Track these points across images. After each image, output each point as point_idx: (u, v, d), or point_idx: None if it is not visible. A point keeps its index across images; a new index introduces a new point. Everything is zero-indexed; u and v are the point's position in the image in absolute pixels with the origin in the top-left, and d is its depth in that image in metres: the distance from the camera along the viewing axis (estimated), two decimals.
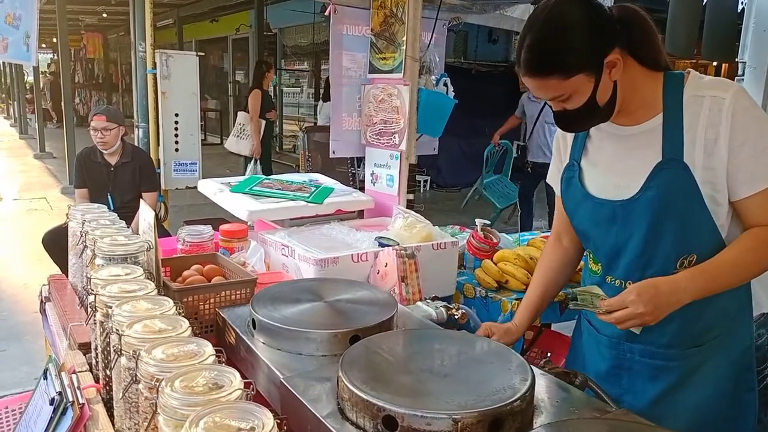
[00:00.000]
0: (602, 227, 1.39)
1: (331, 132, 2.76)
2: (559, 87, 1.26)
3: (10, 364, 3.51)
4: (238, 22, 12.60)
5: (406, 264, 1.90)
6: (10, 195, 8.33)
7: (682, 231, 1.29)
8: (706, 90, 1.27)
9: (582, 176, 1.43)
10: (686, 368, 1.36)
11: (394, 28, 2.50)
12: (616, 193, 1.35)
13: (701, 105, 1.26)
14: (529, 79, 1.28)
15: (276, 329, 1.31)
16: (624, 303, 1.23)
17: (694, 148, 1.25)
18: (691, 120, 1.26)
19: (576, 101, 1.28)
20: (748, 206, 1.27)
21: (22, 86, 15.11)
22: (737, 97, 1.24)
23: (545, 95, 1.30)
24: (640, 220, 1.31)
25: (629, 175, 1.33)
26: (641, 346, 1.39)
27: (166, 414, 0.82)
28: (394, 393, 1.02)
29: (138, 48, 4.43)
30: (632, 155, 1.34)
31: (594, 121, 1.35)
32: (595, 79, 1.25)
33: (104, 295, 1.19)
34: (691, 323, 1.33)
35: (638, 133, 1.34)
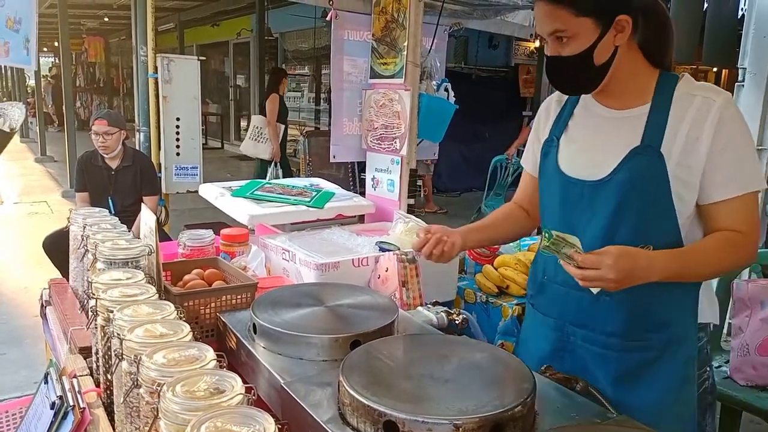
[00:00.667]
0: (568, 206, 1.38)
1: (332, 136, 2.77)
2: (566, 21, 1.24)
3: (10, 367, 3.51)
4: (240, 26, 12.63)
5: (407, 269, 1.90)
6: (11, 198, 8.33)
7: (645, 220, 1.29)
8: (698, 90, 1.29)
9: (558, 153, 1.42)
10: (626, 363, 1.36)
11: (395, 34, 2.51)
12: (588, 173, 1.34)
13: (691, 103, 1.28)
14: (541, 3, 1.27)
15: (277, 334, 1.31)
16: (599, 264, 1.18)
17: (674, 141, 1.26)
18: (678, 114, 1.28)
19: (574, 46, 1.26)
20: (719, 211, 1.28)
21: (24, 90, 15.14)
22: (728, 103, 1.27)
23: (548, 26, 1.28)
24: (606, 202, 1.31)
25: (604, 156, 1.33)
26: (584, 331, 1.39)
27: (167, 419, 0.82)
28: (395, 398, 1.01)
29: (139, 52, 4.44)
30: (611, 137, 1.34)
31: (581, 80, 1.33)
32: (601, 32, 1.25)
33: (105, 299, 1.19)
34: (638, 317, 1.34)
35: (623, 117, 1.34)
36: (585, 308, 1.37)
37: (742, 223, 1.28)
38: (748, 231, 1.28)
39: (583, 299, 1.36)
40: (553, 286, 1.43)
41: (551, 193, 1.44)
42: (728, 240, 1.28)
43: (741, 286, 2.36)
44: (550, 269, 1.43)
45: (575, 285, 1.30)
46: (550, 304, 1.46)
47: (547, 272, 1.45)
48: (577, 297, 1.37)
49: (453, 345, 1.28)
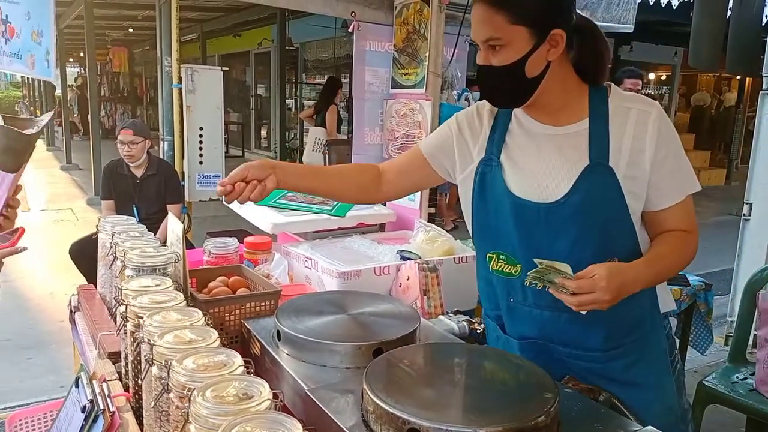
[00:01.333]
0: (525, 229, 1.35)
1: (354, 145, 2.79)
2: (500, 28, 1.23)
3: (36, 372, 3.58)
4: (261, 36, 12.79)
5: (428, 277, 1.91)
6: (38, 206, 8.50)
7: (608, 235, 1.31)
8: (631, 103, 1.32)
9: (504, 174, 1.38)
10: (611, 369, 1.38)
11: (416, 44, 2.54)
12: (541, 194, 1.33)
13: (628, 116, 1.30)
14: (478, 6, 1.26)
15: (301, 341, 1.33)
16: (593, 288, 1.18)
17: (619, 155, 1.29)
18: (617, 128, 1.30)
19: (507, 56, 1.25)
20: (666, 216, 1.34)
21: (51, 100, 15.47)
22: (661, 113, 1.31)
23: (483, 32, 1.27)
24: (567, 223, 1.31)
25: (555, 177, 1.32)
26: (568, 349, 1.39)
27: (197, 423, 0.84)
28: (418, 406, 1.02)
29: (164, 63, 4.53)
30: (558, 157, 1.34)
31: (511, 92, 1.32)
32: (535, 44, 1.25)
33: (135, 305, 1.22)
34: (615, 328, 1.37)
35: (563, 134, 1.34)
36: (564, 328, 1.37)
37: (687, 223, 1.35)
38: (692, 229, 1.36)
39: (559, 318, 1.36)
40: (524, 308, 1.40)
41: (501, 215, 1.39)
42: (681, 240, 1.34)
43: (767, 298, 2.33)
44: (516, 292, 1.40)
45: (548, 305, 1.34)
46: (524, 326, 1.42)
47: (514, 295, 1.41)
48: (552, 318, 1.37)
49: (476, 354, 1.29)
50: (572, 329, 1.36)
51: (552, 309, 1.35)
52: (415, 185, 1.64)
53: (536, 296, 1.35)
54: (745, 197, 3.85)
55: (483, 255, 1.46)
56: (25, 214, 7.75)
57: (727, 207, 7.37)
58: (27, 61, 3.52)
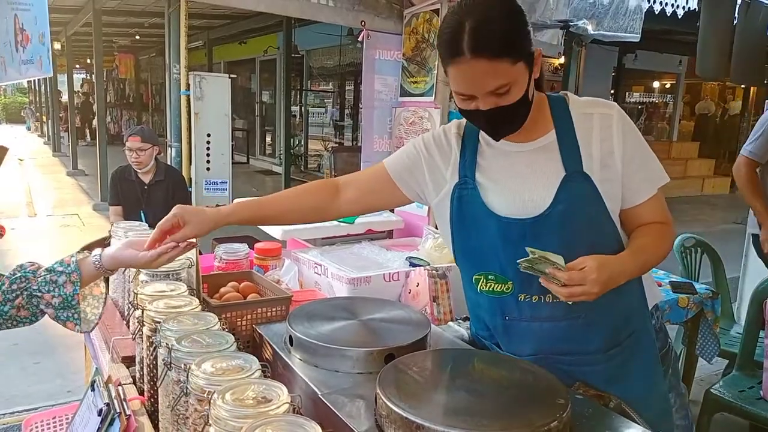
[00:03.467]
0: (511, 246, 1.33)
1: (363, 153, 2.81)
2: (507, 73, 1.21)
3: (44, 376, 3.59)
4: (267, 44, 12.86)
5: (438, 284, 1.92)
6: (44, 211, 8.55)
7: (593, 240, 1.33)
8: (591, 108, 1.35)
9: (482, 195, 1.37)
10: (611, 368, 1.40)
11: (425, 53, 2.56)
12: (524, 210, 1.33)
13: (591, 121, 1.33)
14: (476, 62, 1.19)
15: (313, 346, 1.34)
16: (583, 280, 1.19)
17: (591, 161, 1.31)
18: (584, 135, 1.32)
19: (515, 93, 1.24)
20: (641, 211, 1.37)
21: (56, 105, 15.56)
22: (621, 114, 1.34)
23: (490, 84, 1.22)
24: (552, 234, 1.31)
25: (535, 191, 1.33)
26: (568, 357, 1.40)
27: (217, 425, 0.85)
28: (432, 411, 1.03)
29: (172, 70, 4.57)
30: (533, 171, 1.34)
31: (520, 121, 1.31)
32: (529, 70, 1.26)
33: (152, 310, 1.24)
34: (612, 330, 1.40)
35: (533, 149, 1.36)
36: (564, 336, 1.38)
37: (662, 215, 1.38)
38: (667, 220, 1.39)
39: (557, 329, 1.37)
40: (522, 324, 1.40)
41: (485, 235, 1.38)
42: (660, 231, 1.37)
43: None
44: (511, 310, 1.39)
45: (547, 317, 1.36)
46: (522, 343, 1.41)
47: (509, 312, 1.40)
48: (551, 328, 1.38)
49: (487, 359, 1.30)
50: (572, 336, 1.37)
51: (550, 320, 1.36)
52: (380, 205, 1.61)
53: (533, 309, 1.35)
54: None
55: (469, 278, 1.44)
56: (32, 220, 7.80)
57: (732, 215, 7.37)
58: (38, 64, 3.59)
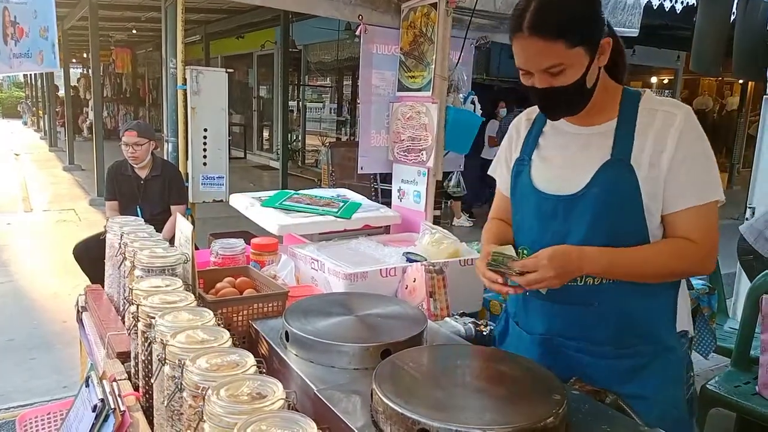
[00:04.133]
0: (543, 222, 1.41)
1: (360, 148, 2.80)
2: (561, 55, 1.26)
3: (40, 372, 3.58)
4: (264, 38, 12.82)
5: (435, 279, 1.92)
6: (40, 206, 8.52)
7: (618, 231, 1.33)
8: (660, 105, 1.34)
9: (531, 170, 1.46)
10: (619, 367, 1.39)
11: (423, 48, 2.55)
12: (562, 187, 1.38)
13: (654, 117, 1.33)
14: (532, 40, 1.27)
15: (309, 342, 1.33)
16: (536, 266, 1.27)
17: (641, 155, 1.31)
18: (643, 129, 1.32)
19: (569, 76, 1.28)
20: (676, 220, 1.33)
21: (53, 100, 15.49)
22: (688, 116, 1.31)
23: (544, 62, 1.28)
24: (580, 216, 1.35)
25: (576, 171, 1.37)
26: (574, 342, 1.41)
27: (211, 422, 0.85)
28: (428, 407, 1.03)
29: (169, 64, 4.54)
30: (582, 153, 1.38)
31: (576, 105, 1.35)
32: (590, 57, 1.28)
33: (146, 305, 1.23)
34: (625, 326, 1.38)
35: (591, 134, 1.38)
36: (572, 321, 1.41)
37: (696, 231, 1.31)
38: (700, 240, 1.31)
39: (569, 312, 1.40)
40: (537, 302, 1.45)
41: (526, 209, 1.46)
42: (674, 246, 1.32)
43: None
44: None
45: (562, 299, 1.38)
46: (535, 321, 1.47)
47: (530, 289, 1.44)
48: (562, 311, 1.41)
49: (483, 355, 1.30)
50: (581, 322, 1.39)
51: (564, 302, 1.39)
52: None
53: (550, 290, 1.36)
54: (748, 201, 3.85)
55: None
56: (28, 215, 7.78)
57: (729, 211, 7.37)
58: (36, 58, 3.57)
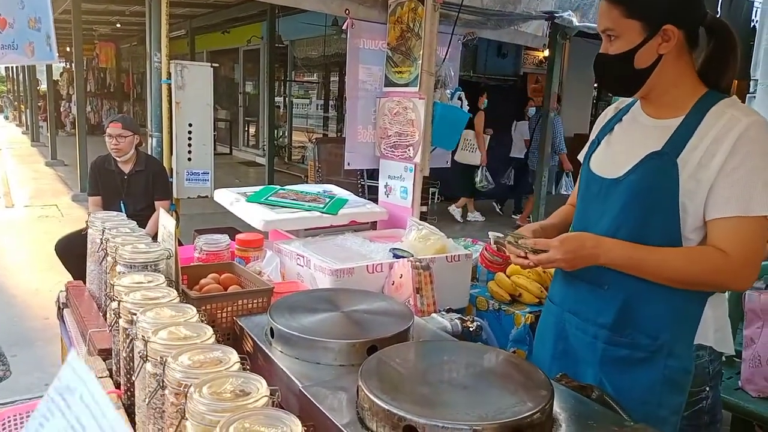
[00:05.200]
0: (586, 201, 1.47)
1: (347, 144, 2.78)
2: (616, 20, 1.32)
3: (21, 369, 3.52)
4: (250, 33, 12.72)
5: (421, 275, 1.91)
6: (22, 202, 8.40)
7: (647, 222, 1.33)
8: (731, 109, 1.30)
9: (594, 152, 1.51)
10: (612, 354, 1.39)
11: (410, 43, 2.54)
12: (609, 171, 1.42)
13: (719, 119, 1.29)
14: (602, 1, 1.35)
15: (294, 338, 1.32)
16: (547, 246, 1.33)
17: (692, 153, 1.29)
18: (704, 129, 1.30)
19: (619, 46, 1.33)
20: (714, 228, 1.29)
21: (35, 94, 15.26)
22: (754, 124, 1.26)
23: (601, 23, 1.36)
24: (617, 200, 1.37)
25: (627, 157, 1.38)
26: (577, 319, 1.45)
27: (194, 420, 0.83)
28: (414, 403, 1.02)
29: (153, 58, 4.49)
30: (641, 143, 1.38)
31: (620, 80, 1.39)
32: (646, 36, 1.30)
33: (128, 302, 1.21)
34: (628, 314, 1.37)
35: (656, 126, 1.39)
36: (581, 297, 1.44)
37: (731, 244, 1.25)
38: (734, 254, 1.25)
39: (582, 288, 1.43)
40: (560, 272, 1.53)
41: (580, 189, 1.52)
42: (705, 255, 1.28)
43: (753, 298, 2.36)
44: None
45: (579, 274, 1.40)
46: (556, 292, 1.55)
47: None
48: (578, 286, 1.45)
49: (469, 351, 1.29)
50: (589, 301, 1.42)
51: (579, 278, 1.43)
52: None
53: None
54: None
55: None
56: (9, 210, 7.66)
57: None
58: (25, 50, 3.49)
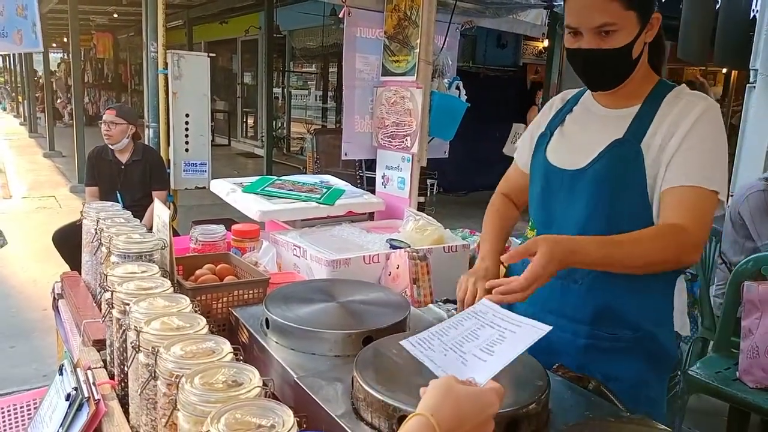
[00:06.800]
0: (548, 194, 1.44)
1: (344, 134, 2.77)
2: (615, 14, 1.27)
3: (19, 360, 3.53)
4: (248, 23, 12.65)
5: (418, 266, 1.90)
6: (20, 193, 8.38)
7: (618, 211, 1.32)
8: (687, 95, 1.34)
9: (548, 144, 1.48)
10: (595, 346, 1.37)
11: (407, 31, 2.51)
12: (569, 162, 1.40)
13: (676, 104, 1.32)
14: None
15: (290, 329, 1.31)
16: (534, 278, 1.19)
17: (653, 139, 1.31)
18: (662, 115, 1.32)
19: (618, 40, 1.29)
20: (666, 198, 1.28)
21: (32, 85, 15.19)
22: (710, 108, 1.30)
23: (598, 19, 1.28)
24: (583, 191, 1.35)
25: (587, 148, 1.37)
26: (553, 317, 1.37)
27: (185, 410, 0.82)
28: (409, 394, 1.01)
29: (150, 48, 4.46)
30: (599, 133, 1.38)
31: (618, 74, 1.35)
32: (641, 27, 1.30)
33: (121, 292, 1.20)
34: (607, 311, 1.36)
35: (613, 116, 1.39)
36: (555, 295, 1.40)
37: (687, 217, 1.24)
38: (692, 227, 1.23)
39: (555, 286, 1.37)
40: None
41: (537, 182, 1.49)
42: (667, 233, 1.25)
43: (752, 288, 2.36)
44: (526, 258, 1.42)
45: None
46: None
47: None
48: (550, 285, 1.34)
49: None
50: (562, 298, 1.39)
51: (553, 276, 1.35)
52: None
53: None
54: (731, 189, 3.88)
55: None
56: (7, 201, 7.64)
57: None
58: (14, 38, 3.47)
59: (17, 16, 3.65)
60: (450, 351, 0.92)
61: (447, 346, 0.93)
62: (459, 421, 0.74)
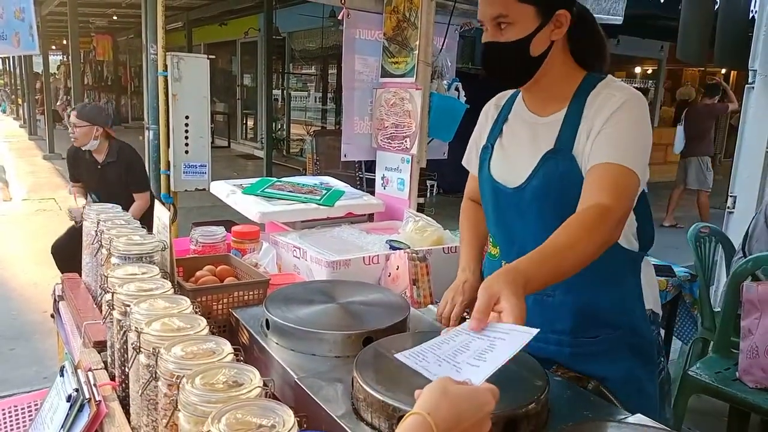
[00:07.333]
0: (500, 211, 1.43)
1: (343, 135, 2.77)
2: (509, 6, 1.25)
3: (20, 362, 3.53)
4: (247, 25, 12.66)
5: (418, 267, 1.90)
6: (20, 195, 8.38)
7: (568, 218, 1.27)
8: (606, 89, 1.31)
9: (491, 159, 1.45)
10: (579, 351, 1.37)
11: (407, 33, 2.52)
12: (511, 180, 1.38)
13: (597, 100, 1.30)
14: None
15: (290, 330, 1.32)
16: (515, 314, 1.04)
17: (583, 140, 1.28)
18: (588, 114, 1.30)
19: (513, 33, 1.27)
20: (589, 177, 1.24)
21: (32, 87, 15.20)
22: (631, 99, 1.27)
23: (491, 10, 1.28)
24: (529, 207, 1.34)
25: (522, 163, 1.36)
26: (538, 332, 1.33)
27: (186, 411, 0.83)
28: (409, 394, 1.01)
29: (149, 50, 4.46)
30: (530, 144, 1.37)
31: (515, 69, 1.33)
32: (540, 23, 1.27)
33: (122, 293, 1.20)
34: (586, 317, 1.35)
35: (542, 123, 1.37)
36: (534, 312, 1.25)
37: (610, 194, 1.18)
38: (614, 204, 1.18)
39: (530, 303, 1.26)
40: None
41: (486, 198, 1.48)
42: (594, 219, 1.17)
43: (751, 289, 2.36)
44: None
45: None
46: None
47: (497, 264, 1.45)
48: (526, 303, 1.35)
49: None
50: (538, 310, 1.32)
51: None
52: None
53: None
54: (730, 190, 3.88)
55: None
56: (7, 204, 7.64)
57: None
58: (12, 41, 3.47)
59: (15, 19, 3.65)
60: (444, 362, 0.93)
61: (441, 358, 0.94)
62: (456, 420, 0.75)
